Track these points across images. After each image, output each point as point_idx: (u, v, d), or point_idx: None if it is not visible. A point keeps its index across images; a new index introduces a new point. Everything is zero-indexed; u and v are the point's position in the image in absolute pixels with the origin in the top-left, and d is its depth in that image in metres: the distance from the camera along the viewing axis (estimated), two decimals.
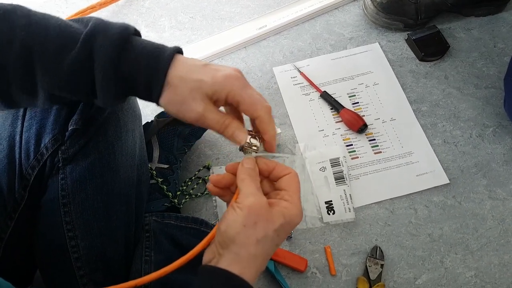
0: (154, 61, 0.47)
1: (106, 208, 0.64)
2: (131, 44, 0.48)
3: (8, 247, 0.63)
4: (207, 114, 0.48)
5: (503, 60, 1.08)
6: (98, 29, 0.47)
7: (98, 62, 0.46)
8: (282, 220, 0.46)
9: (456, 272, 0.85)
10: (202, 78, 0.47)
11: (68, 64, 0.46)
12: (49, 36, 0.47)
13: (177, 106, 0.48)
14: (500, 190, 0.92)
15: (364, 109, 1.01)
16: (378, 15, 1.10)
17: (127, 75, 0.47)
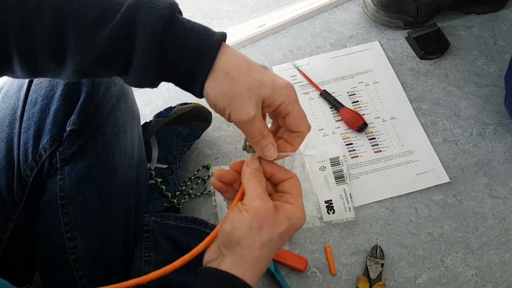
0: (201, 44, 0.43)
1: (105, 209, 0.64)
2: (177, 21, 0.43)
3: (7, 248, 0.63)
4: (256, 119, 0.44)
5: (504, 58, 1.07)
6: (143, 1, 0.43)
7: (140, 36, 0.42)
8: (287, 224, 0.46)
9: (457, 271, 0.84)
10: (263, 79, 0.44)
11: (105, 36, 0.42)
12: (85, 3, 0.43)
13: (227, 100, 0.43)
14: (501, 189, 0.92)
15: (364, 108, 1.01)
16: (378, 13, 1.10)
17: (170, 54, 0.43)
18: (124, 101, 0.66)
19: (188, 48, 0.43)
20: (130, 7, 0.42)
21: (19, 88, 0.62)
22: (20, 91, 0.62)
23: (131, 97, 0.70)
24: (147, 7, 0.42)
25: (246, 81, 0.43)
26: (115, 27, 0.42)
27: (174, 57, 0.43)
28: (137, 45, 0.42)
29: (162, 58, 0.43)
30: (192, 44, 0.43)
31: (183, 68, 0.44)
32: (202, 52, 0.43)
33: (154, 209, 0.82)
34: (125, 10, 0.42)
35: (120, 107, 0.65)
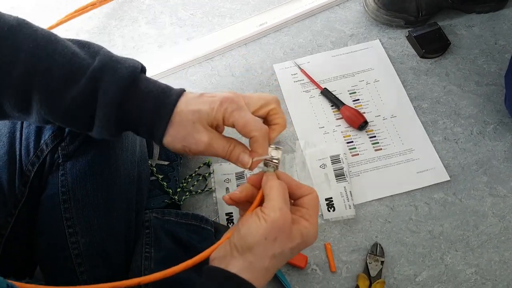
0: (158, 108, 0.48)
1: (106, 205, 0.64)
2: (138, 87, 0.48)
3: (8, 243, 0.63)
4: (213, 142, 0.48)
5: (504, 57, 1.07)
6: (107, 67, 0.47)
7: (101, 102, 0.46)
8: (299, 239, 0.47)
9: (457, 269, 0.84)
10: (200, 108, 0.48)
11: (70, 97, 0.46)
12: (55, 64, 0.46)
13: (182, 141, 0.48)
14: (501, 187, 0.92)
15: (364, 106, 1.01)
16: (379, 12, 1.10)
17: (130, 117, 0.48)
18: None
19: (146, 112, 0.48)
20: (94, 72, 0.46)
21: None
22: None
23: None
24: (110, 74, 0.47)
25: (187, 119, 0.47)
26: (80, 91, 0.46)
27: (133, 120, 0.48)
28: (98, 107, 0.47)
29: (121, 122, 0.48)
30: (151, 108, 0.48)
31: (143, 129, 0.49)
32: (158, 115, 0.48)
33: (155, 206, 0.83)
34: (90, 75, 0.46)
35: None
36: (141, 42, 1.12)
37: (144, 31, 1.14)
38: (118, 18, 1.16)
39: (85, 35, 1.12)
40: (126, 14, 1.16)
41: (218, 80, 1.06)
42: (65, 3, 1.18)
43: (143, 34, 1.13)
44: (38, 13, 1.15)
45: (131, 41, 1.12)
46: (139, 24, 1.15)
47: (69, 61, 0.46)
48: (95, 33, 1.13)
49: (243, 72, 1.07)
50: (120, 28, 1.14)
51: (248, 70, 1.07)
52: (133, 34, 1.13)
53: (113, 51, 0.94)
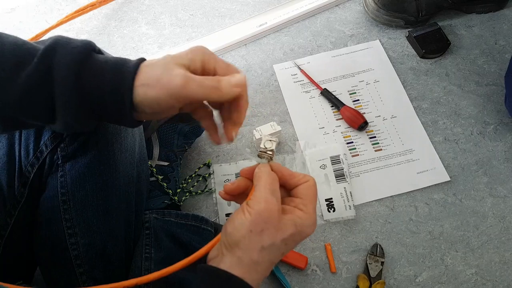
0: (120, 69, 0.44)
1: (106, 206, 0.64)
2: (94, 57, 0.45)
3: (8, 244, 0.63)
4: (192, 76, 0.44)
5: (504, 57, 1.07)
6: (59, 43, 0.44)
7: (57, 76, 0.43)
8: (292, 230, 0.45)
9: (457, 269, 0.84)
10: (173, 55, 0.45)
11: (23, 80, 0.43)
12: (4, 52, 0.44)
13: (155, 86, 0.43)
14: (501, 188, 0.92)
15: (364, 107, 1.01)
16: (378, 12, 1.10)
17: (90, 88, 0.44)
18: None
19: (108, 77, 0.44)
20: (46, 51, 0.44)
21: None
22: None
23: None
24: (62, 48, 0.44)
25: (158, 64, 0.44)
26: (33, 70, 0.43)
27: (94, 89, 0.44)
28: (55, 85, 0.43)
29: (83, 95, 0.44)
30: (112, 71, 0.44)
31: (107, 96, 0.44)
32: (121, 73, 0.44)
33: (155, 206, 0.83)
34: (42, 54, 0.43)
35: None
36: (141, 42, 1.12)
37: (144, 32, 1.14)
38: (118, 18, 1.16)
39: (85, 35, 1.12)
40: (126, 15, 1.16)
41: None
42: (65, 4, 1.18)
43: (143, 34, 1.13)
44: (38, 14, 1.16)
45: (131, 41, 1.12)
46: (139, 25, 1.15)
47: (20, 47, 0.44)
48: (95, 33, 1.13)
49: (243, 72, 1.07)
50: (120, 29, 1.14)
51: (248, 70, 1.07)
52: (133, 34, 1.13)
53: (113, 52, 0.95)
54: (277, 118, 1.00)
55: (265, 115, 1.01)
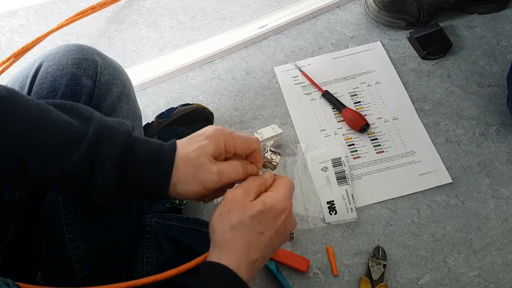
0: (158, 165, 0.48)
1: (107, 210, 0.63)
2: (135, 149, 0.48)
3: (9, 249, 0.62)
4: (223, 168, 0.50)
5: (506, 58, 1.07)
6: (103, 134, 0.47)
7: (100, 169, 0.46)
8: (261, 206, 0.48)
9: (459, 272, 0.84)
10: (199, 145, 0.49)
11: (68, 167, 0.46)
12: (49, 133, 0.46)
13: (193, 180, 0.49)
14: (504, 189, 0.92)
15: (366, 109, 1.01)
16: (380, 14, 1.10)
17: (130, 180, 0.48)
18: (126, 102, 0.66)
19: (147, 174, 0.48)
20: (92, 141, 0.46)
21: (21, 89, 0.62)
22: (22, 93, 0.62)
23: (133, 97, 0.70)
24: (107, 141, 0.47)
25: (190, 158, 0.49)
26: (78, 160, 0.46)
27: (133, 181, 0.48)
28: (97, 177, 0.47)
29: (121, 186, 0.48)
30: (149, 171, 0.48)
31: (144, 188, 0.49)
32: (159, 165, 0.48)
33: (156, 210, 0.82)
34: (87, 145, 0.46)
35: (122, 108, 0.65)
36: (141, 45, 1.12)
37: (145, 35, 1.14)
38: (119, 21, 1.16)
39: (85, 39, 1.12)
40: (126, 18, 1.16)
41: (219, 83, 1.06)
42: (65, 7, 1.18)
43: (144, 37, 1.13)
44: (39, 17, 1.16)
45: (131, 44, 1.12)
46: (140, 28, 1.15)
47: (64, 129, 0.47)
48: (95, 37, 1.13)
49: (243, 75, 1.07)
50: (120, 32, 1.14)
51: (248, 73, 1.07)
52: (134, 37, 1.13)
53: (113, 55, 0.94)
54: (278, 120, 1.00)
55: (266, 117, 1.00)
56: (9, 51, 1.04)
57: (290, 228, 0.52)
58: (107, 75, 0.64)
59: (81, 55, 0.63)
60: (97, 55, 0.65)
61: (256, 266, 0.50)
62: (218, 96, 1.04)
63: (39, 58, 0.64)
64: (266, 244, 0.49)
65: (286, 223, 0.51)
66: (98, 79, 0.62)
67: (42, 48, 1.06)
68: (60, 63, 0.62)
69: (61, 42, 1.11)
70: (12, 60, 1.00)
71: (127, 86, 0.68)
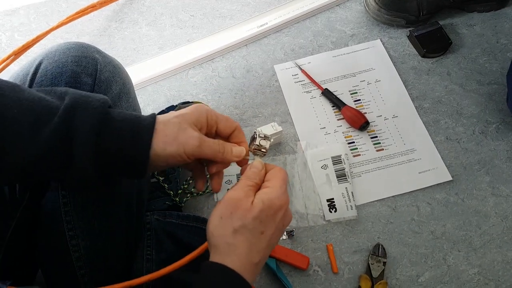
0: (137, 128, 0.48)
1: (107, 207, 0.64)
2: (112, 117, 0.48)
3: (10, 247, 0.63)
4: (204, 139, 0.49)
5: (506, 56, 1.07)
6: (78, 103, 0.46)
7: (77, 138, 0.45)
8: (260, 206, 0.47)
9: (459, 269, 0.84)
10: (181, 113, 0.49)
11: (43, 140, 0.45)
12: (22, 109, 0.45)
13: (173, 142, 0.48)
14: (504, 187, 0.92)
15: (366, 106, 1.01)
16: (379, 12, 1.10)
17: (109, 148, 0.47)
18: (125, 100, 0.66)
19: (126, 137, 0.47)
20: (66, 111, 0.46)
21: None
22: None
23: (133, 95, 0.70)
24: (82, 108, 0.46)
25: (172, 123, 0.48)
26: (53, 131, 0.45)
27: (113, 148, 0.47)
28: (75, 147, 0.45)
29: (100, 153, 0.46)
30: (129, 133, 0.47)
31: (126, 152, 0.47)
32: (139, 137, 0.47)
33: (156, 208, 0.83)
34: (62, 114, 0.45)
35: (122, 105, 0.65)
36: (141, 44, 1.12)
37: (145, 33, 1.14)
38: (119, 20, 1.16)
39: (85, 37, 1.13)
40: (126, 16, 1.17)
41: (219, 81, 1.06)
42: (65, 6, 1.18)
43: (144, 36, 1.13)
44: (39, 15, 1.16)
45: (131, 43, 1.12)
46: (140, 26, 1.15)
47: (37, 104, 0.46)
48: (95, 35, 1.13)
49: (243, 73, 1.07)
50: (120, 30, 1.14)
51: (248, 71, 1.07)
52: (134, 36, 1.13)
53: (113, 53, 0.95)
54: (278, 118, 1.00)
55: (266, 115, 1.01)
56: (10, 49, 1.04)
57: (288, 222, 0.52)
58: (107, 73, 0.64)
59: (81, 53, 0.63)
60: (97, 52, 0.65)
61: (259, 268, 0.49)
62: (218, 94, 1.04)
63: (39, 56, 0.64)
64: (267, 243, 0.49)
65: (284, 218, 0.50)
66: (98, 76, 0.63)
67: (42, 46, 1.06)
68: (60, 61, 0.62)
69: (61, 40, 1.11)
70: (13, 58, 1.00)
71: (126, 84, 0.68)
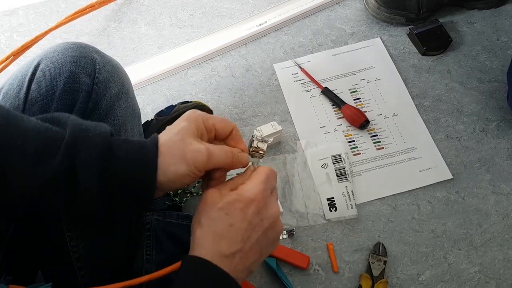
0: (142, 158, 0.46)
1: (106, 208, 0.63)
2: (114, 151, 0.46)
3: (9, 247, 0.62)
4: (211, 148, 0.48)
5: (506, 54, 1.07)
6: (79, 137, 0.45)
7: (81, 175, 0.44)
8: (228, 198, 0.47)
9: (460, 268, 0.84)
10: (180, 127, 0.48)
11: (47, 174, 0.44)
12: (27, 140, 0.44)
13: (182, 161, 0.46)
14: (504, 185, 0.91)
15: (366, 105, 1.01)
16: (379, 10, 1.09)
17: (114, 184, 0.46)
18: (124, 99, 0.66)
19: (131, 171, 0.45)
20: (68, 147, 0.44)
21: (20, 87, 0.62)
22: (20, 91, 0.62)
23: (132, 95, 0.70)
24: (83, 144, 0.45)
25: (175, 140, 0.47)
26: (56, 167, 0.44)
27: (118, 184, 0.45)
28: (79, 183, 0.44)
29: (105, 190, 0.45)
30: (133, 167, 0.45)
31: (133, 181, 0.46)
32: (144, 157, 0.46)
33: (156, 208, 0.83)
34: (64, 150, 0.44)
35: (121, 105, 0.65)
36: (140, 43, 1.12)
37: (144, 33, 1.14)
38: (118, 19, 1.16)
39: (84, 37, 1.12)
40: (125, 16, 1.16)
41: (218, 80, 1.06)
42: (65, 6, 1.17)
43: (143, 35, 1.13)
44: (38, 15, 1.15)
45: (130, 42, 1.12)
46: (139, 26, 1.15)
47: (42, 134, 0.45)
48: (94, 35, 1.13)
49: (243, 72, 1.07)
50: (119, 30, 1.14)
51: (248, 70, 1.07)
52: (133, 35, 1.13)
53: (112, 53, 0.94)
54: (278, 117, 1.00)
55: (266, 114, 1.00)
56: (9, 50, 1.04)
57: (268, 217, 0.49)
58: (106, 73, 0.64)
59: (79, 53, 0.63)
60: (95, 52, 0.65)
61: (235, 262, 0.47)
62: (218, 94, 1.04)
63: (38, 56, 0.64)
64: (242, 237, 0.47)
65: (260, 213, 0.48)
66: (97, 76, 0.62)
67: (41, 47, 1.06)
68: (59, 61, 0.62)
69: (60, 41, 1.11)
70: (12, 58, 1.00)
71: (125, 83, 0.67)
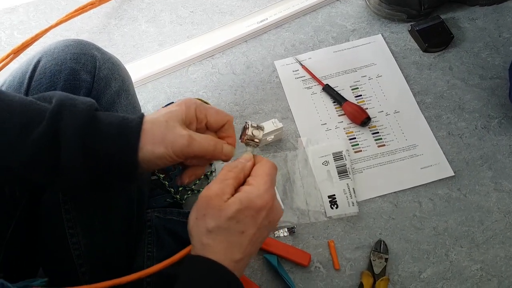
0: (124, 130, 0.46)
1: (107, 205, 0.63)
2: (98, 120, 0.47)
3: (10, 245, 0.63)
4: (194, 136, 0.48)
5: (508, 50, 1.06)
6: (64, 106, 0.46)
7: (64, 142, 0.45)
8: (238, 206, 0.46)
9: (462, 265, 0.84)
10: (170, 110, 0.48)
11: (32, 143, 0.45)
12: (14, 113, 0.45)
13: (162, 143, 0.46)
14: (506, 182, 0.91)
15: (367, 102, 1.00)
16: (380, 6, 1.09)
17: (96, 152, 0.46)
18: (125, 97, 0.66)
19: (113, 142, 0.46)
20: (52, 115, 0.45)
21: (20, 84, 0.62)
22: (20, 88, 0.62)
23: (132, 92, 0.70)
24: (67, 112, 0.45)
25: (160, 122, 0.47)
26: (41, 135, 0.45)
27: (100, 153, 0.46)
28: (62, 150, 0.45)
29: (88, 158, 0.46)
30: (115, 137, 0.46)
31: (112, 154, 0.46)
32: (126, 140, 0.46)
33: (157, 205, 0.83)
34: (48, 118, 0.45)
35: (121, 102, 0.65)
36: (141, 41, 1.12)
37: (144, 30, 1.13)
38: (118, 17, 1.15)
39: (85, 34, 1.12)
40: (125, 13, 1.16)
41: (219, 77, 1.05)
42: (65, 3, 1.17)
43: (143, 32, 1.13)
44: (38, 13, 1.15)
45: (131, 40, 1.12)
46: (139, 23, 1.15)
47: (28, 107, 0.46)
48: (95, 32, 1.13)
49: (244, 69, 1.06)
50: (120, 27, 1.14)
51: (249, 67, 1.07)
52: (133, 33, 1.13)
53: (113, 51, 0.94)
54: (279, 114, 1.00)
55: (267, 112, 1.00)
56: (9, 48, 1.03)
57: (275, 219, 0.49)
58: (106, 70, 0.64)
59: (79, 50, 0.63)
60: (95, 50, 0.65)
61: (242, 264, 0.48)
62: (219, 91, 1.03)
63: (38, 53, 0.64)
64: (249, 241, 0.47)
65: (268, 216, 0.48)
66: (97, 74, 0.62)
67: (41, 44, 1.06)
68: (59, 58, 0.62)
69: (61, 38, 1.09)
70: (12, 56, 1.00)
71: (126, 81, 0.67)
